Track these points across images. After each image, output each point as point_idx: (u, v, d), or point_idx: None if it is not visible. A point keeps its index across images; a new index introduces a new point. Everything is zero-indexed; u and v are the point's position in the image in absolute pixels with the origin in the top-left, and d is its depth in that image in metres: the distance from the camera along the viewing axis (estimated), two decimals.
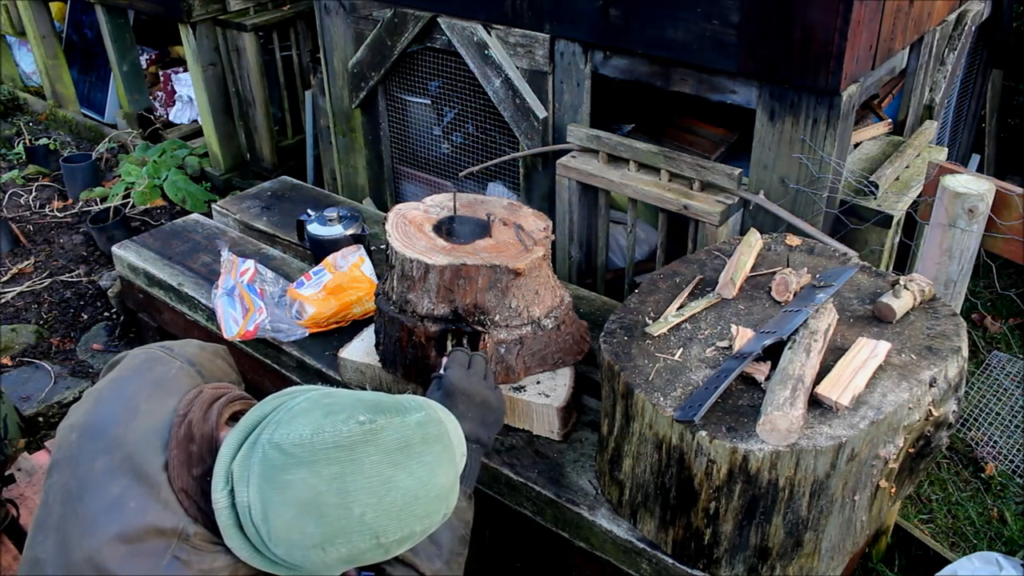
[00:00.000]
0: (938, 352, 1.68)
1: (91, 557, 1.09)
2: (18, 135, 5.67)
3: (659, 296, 1.93)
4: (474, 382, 1.54)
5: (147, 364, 1.33)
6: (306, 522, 1.04)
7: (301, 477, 1.03)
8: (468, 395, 1.51)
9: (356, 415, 1.07)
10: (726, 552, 1.68)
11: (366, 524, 1.05)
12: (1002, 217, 1.99)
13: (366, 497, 1.04)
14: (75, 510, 1.15)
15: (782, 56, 2.37)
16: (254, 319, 2.50)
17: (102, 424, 1.21)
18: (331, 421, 1.07)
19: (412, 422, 1.11)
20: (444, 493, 1.13)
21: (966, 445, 2.96)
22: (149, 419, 1.21)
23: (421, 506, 1.10)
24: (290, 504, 1.04)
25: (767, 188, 2.60)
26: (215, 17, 4.47)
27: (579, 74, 2.89)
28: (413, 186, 3.82)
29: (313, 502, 1.03)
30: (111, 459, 1.16)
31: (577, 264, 3.15)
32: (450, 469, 1.15)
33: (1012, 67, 4.04)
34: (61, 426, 1.28)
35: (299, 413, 1.09)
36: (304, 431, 1.06)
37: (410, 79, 3.47)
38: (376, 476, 1.05)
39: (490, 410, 1.54)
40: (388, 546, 1.09)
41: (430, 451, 1.11)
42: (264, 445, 1.07)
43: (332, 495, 1.03)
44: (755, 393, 1.62)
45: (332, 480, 1.03)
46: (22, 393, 3.29)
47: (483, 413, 1.52)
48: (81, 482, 1.17)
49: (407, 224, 2.10)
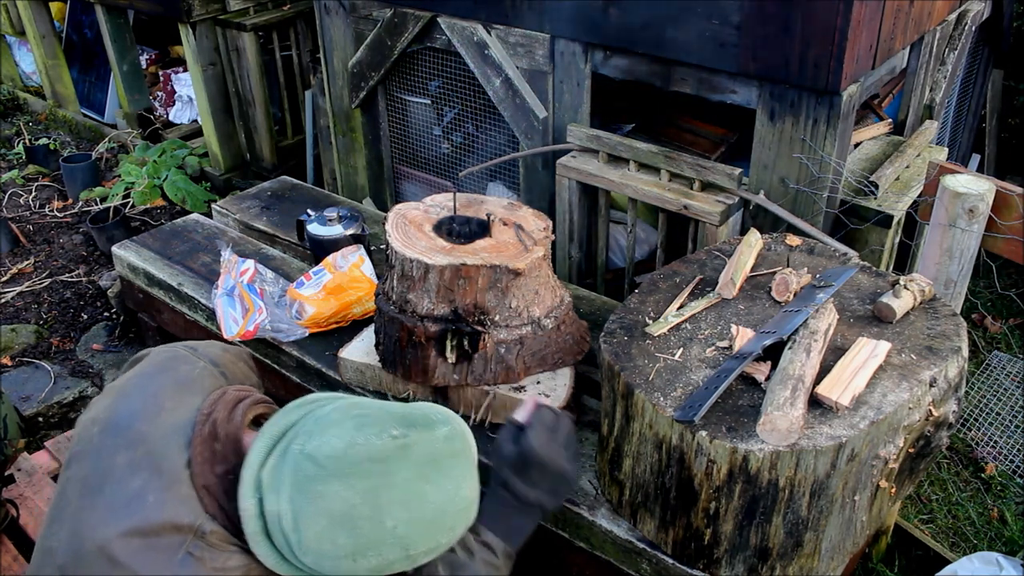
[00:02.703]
0: (938, 352, 1.68)
1: (104, 547, 1.10)
2: (18, 135, 5.67)
3: (659, 296, 1.93)
4: (555, 451, 1.47)
5: (172, 362, 1.34)
6: (338, 533, 1.06)
7: (335, 489, 1.06)
8: (545, 464, 1.45)
9: (389, 429, 1.10)
10: (726, 552, 1.68)
11: (397, 536, 1.08)
12: (1002, 217, 1.99)
13: (398, 510, 1.08)
14: (93, 502, 1.15)
15: (782, 56, 2.37)
16: (254, 319, 2.50)
17: (126, 419, 1.22)
18: (364, 434, 1.09)
19: (440, 436, 1.14)
20: (468, 506, 1.17)
21: (966, 445, 2.96)
22: (173, 416, 1.22)
23: (448, 519, 1.14)
24: (323, 515, 1.06)
25: (767, 188, 2.60)
26: (215, 17, 4.47)
27: (579, 74, 2.89)
28: (413, 186, 3.82)
29: (346, 514, 1.06)
30: (133, 454, 1.17)
31: (577, 264, 3.14)
32: (474, 482, 1.19)
33: (1012, 67, 4.04)
34: (81, 419, 1.29)
35: (330, 424, 1.11)
36: (337, 443, 1.08)
37: (410, 79, 3.47)
38: (408, 490, 1.08)
39: (564, 482, 1.49)
40: (415, 557, 1.12)
41: (457, 465, 1.15)
42: (296, 455, 1.09)
43: (366, 508, 1.06)
44: (755, 393, 1.62)
45: (366, 493, 1.06)
46: (22, 393, 3.28)
47: (555, 484, 1.47)
48: (101, 475, 1.17)
49: (407, 224, 2.10)
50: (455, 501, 1.14)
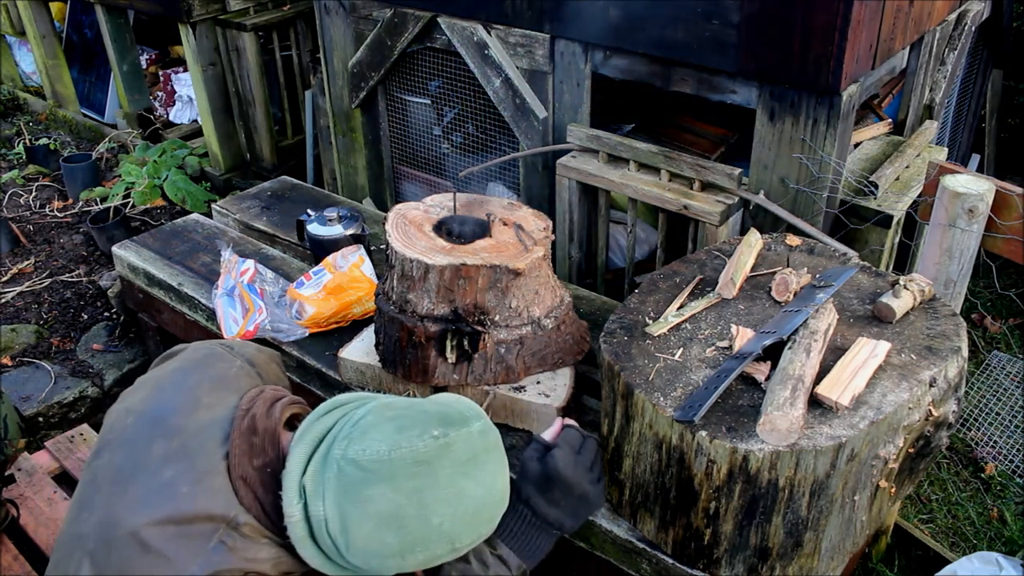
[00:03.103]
0: (938, 352, 1.68)
1: (135, 533, 1.10)
2: (18, 135, 5.67)
3: (659, 296, 1.93)
4: (579, 473, 1.49)
5: (209, 359, 1.35)
6: (386, 533, 1.10)
7: (381, 492, 1.09)
8: (569, 486, 1.47)
9: (430, 430, 1.13)
10: (726, 552, 1.68)
11: (444, 532, 1.12)
12: (1002, 217, 1.99)
13: (443, 508, 1.11)
14: (125, 490, 1.16)
15: (782, 56, 2.37)
16: (254, 319, 2.50)
17: (162, 411, 1.23)
18: (406, 437, 1.12)
19: (476, 432, 1.18)
20: (503, 496, 1.22)
21: (966, 445, 2.96)
22: (210, 412, 1.23)
23: (488, 510, 1.19)
24: (370, 517, 1.09)
25: (767, 188, 2.60)
26: (215, 17, 4.47)
27: (579, 74, 2.89)
28: (413, 186, 3.82)
29: (394, 515, 1.09)
30: (169, 445, 1.18)
31: (577, 264, 3.15)
32: (506, 472, 1.23)
33: (1012, 67, 4.04)
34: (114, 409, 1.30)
35: (369, 428, 1.14)
36: (381, 447, 1.11)
37: (410, 79, 3.47)
38: (451, 487, 1.12)
39: (586, 505, 1.51)
40: (460, 549, 1.17)
41: (492, 458, 1.19)
42: (339, 461, 1.11)
43: (412, 508, 1.09)
44: (755, 393, 1.62)
45: (412, 494, 1.09)
46: (22, 393, 3.29)
47: (577, 506, 1.49)
48: (135, 464, 1.18)
49: (407, 224, 2.10)
50: (493, 493, 1.19)
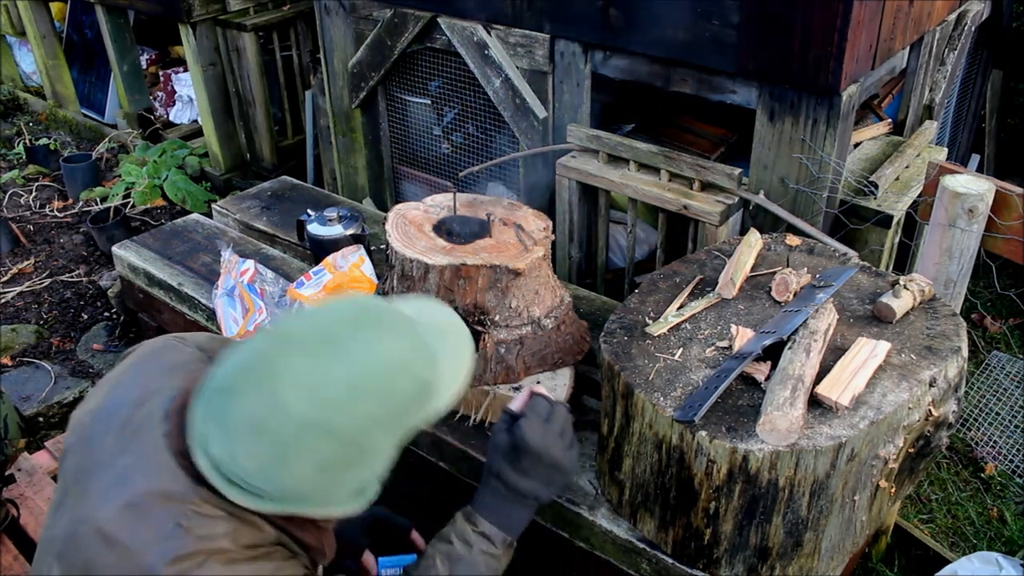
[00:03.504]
0: (938, 352, 1.69)
1: (99, 528, 1.09)
2: (18, 135, 5.68)
3: (659, 296, 1.93)
4: (548, 441, 1.41)
5: (161, 351, 1.35)
6: (260, 446, 1.04)
7: (232, 407, 1.05)
8: (538, 455, 1.40)
9: (265, 330, 1.10)
10: (726, 552, 1.68)
11: (312, 423, 1.03)
12: (1002, 217, 2.00)
13: (298, 397, 1.03)
14: (86, 488, 1.15)
15: (782, 56, 2.37)
16: (254, 319, 2.50)
17: (116, 405, 1.22)
18: (247, 346, 1.09)
19: (331, 315, 1.11)
20: (401, 365, 1.11)
21: (966, 445, 2.96)
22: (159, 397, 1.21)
23: (373, 384, 1.07)
24: (239, 437, 1.04)
25: (767, 188, 2.60)
26: (215, 17, 4.47)
27: (579, 74, 2.89)
28: (413, 186, 3.82)
29: (253, 425, 1.04)
30: (122, 435, 1.17)
31: (577, 264, 3.15)
32: (400, 340, 1.12)
33: (1012, 67, 4.04)
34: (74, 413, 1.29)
35: (229, 354, 1.11)
36: (226, 367, 1.08)
37: (410, 79, 3.47)
38: (302, 374, 1.04)
39: (559, 473, 1.44)
40: (352, 439, 1.07)
41: (364, 333, 1.09)
42: (205, 392, 1.09)
43: (264, 409, 1.03)
44: (755, 393, 1.62)
45: (260, 398, 1.04)
46: (22, 393, 3.29)
47: (550, 475, 1.43)
48: (94, 460, 1.18)
49: (407, 224, 2.10)
50: (374, 364, 1.08)
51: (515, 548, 1.43)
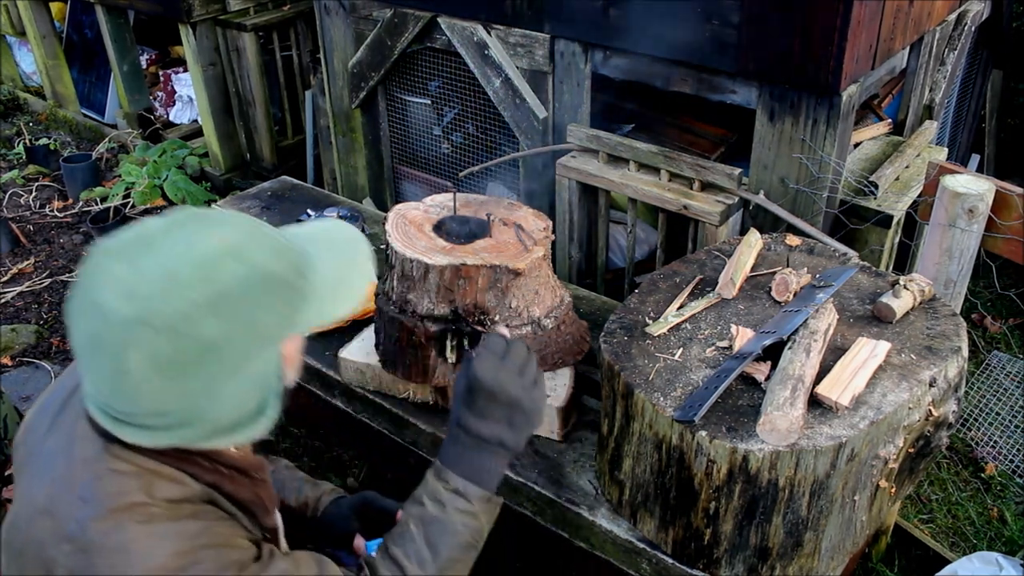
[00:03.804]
0: (938, 352, 1.69)
1: (36, 507, 1.07)
2: (18, 135, 5.68)
3: (659, 296, 1.93)
4: (503, 377, 1.28)
5: None
6: (100, 360, 1.01)
7: (76, 334, 1.01)
8: (492, 392, 1.27)
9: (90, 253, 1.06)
10: (726, 552, 1.68)
11: (129, 319, 0.97)
12: (1002, 217, 2.00)
13: (114, 298, 0.98)
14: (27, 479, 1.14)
15: (782, 56, 2.37)
16: None
17: (54, 396, 1.21)
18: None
19: (149, 223, 1.05)
20: (224, 249, 1.03)
21: (966, 445, 2.96)
22: None
23: (185, 268, 1.00)
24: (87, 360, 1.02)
25: (767, 188, 2.60)
26: (215, 17, 4.47)
27: (579, 74, 2.89)
28: (413, 186, 3.82)
29: (90, 343, 1.00)
30: (54, 421, 1.16)
31: (577, 264, 3.15)
32: (226, 229, 1.06)
33: (1012, 67, 4.04)
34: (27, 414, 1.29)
35: None
36: None
37: (410, 79, 3.47)
38: (118, 277, 0.99)
39: (521, 414, 1.30)
40: (181, 330, 0.99)
41: (183, 230, 1.03)
42: None
43: (92, 323, 0.99)
44: (755, 393, 1.62)
45: (87, 313, 1.00)
46: (22, 393, 3.29)
47: (511, 416, 1.29)
48: (30, 449, 1.17)
49: (407, 224, 2.10)
50: (192, 252, 1.01)
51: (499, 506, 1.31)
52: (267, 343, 1.07)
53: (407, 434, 2.24)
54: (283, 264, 1.08)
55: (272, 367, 1.09)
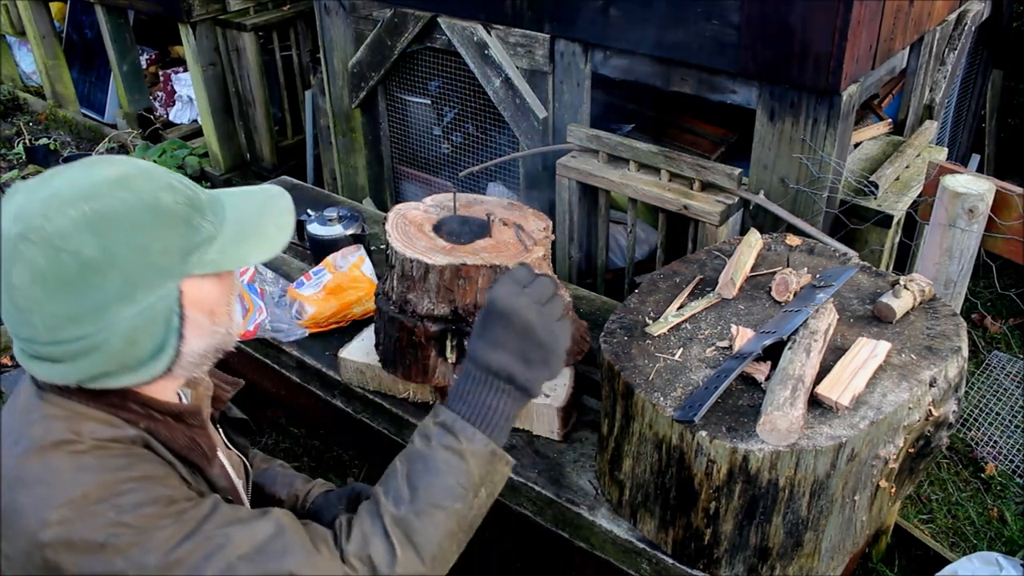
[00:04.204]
0: (938, 352, 1.69)
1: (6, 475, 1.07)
2: (18, 135, 5.68)
3: (659, 296, 1.93)
4: (521, 302, 1.14)
5: None
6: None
7: None
8: (507, 316, 1.14)
9: None
10: (726, 552, 1.68)
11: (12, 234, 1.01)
12: (1002, 217, 2.00)
13: (7, 218, 1.03)
14: None
15: (782, 56, 2.37)
16: (254, 319, 2.50)
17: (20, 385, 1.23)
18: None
19: (55, 168, 1.09)
20: (113, 179, 1.05)
21: (966, 445, 2.96)
22: None
23: (71, 191, 1.03)
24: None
25: (767, 188, 2.60)
26: (215, 17, 4.47)
27: (579, 74, 2.89)
28: (413, 186, 3.82)
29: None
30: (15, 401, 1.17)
31: (577, 264, 3.15)
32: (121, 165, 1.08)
33: (1012, 67, 4.04)
34: None
35: None
36: None
37: (410, 79, 3.47)
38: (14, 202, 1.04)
39: (534, 344, 1.15)
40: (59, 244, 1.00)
41: (80, 167, 1.07)
42: None
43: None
44: (755, 393, 1.62)
45: None
46: None
47: (524, 347, 1.14)
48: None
49: (407, 224, 2.10)
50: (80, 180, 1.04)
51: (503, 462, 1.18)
52: (162, 276, 1.08)
53: (407, 434, 2.24)
54: (176, 197, 1.10)
55: (170, 303, 1.09)
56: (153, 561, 0.99)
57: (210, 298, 1.14)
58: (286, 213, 1.21)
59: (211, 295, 1.14)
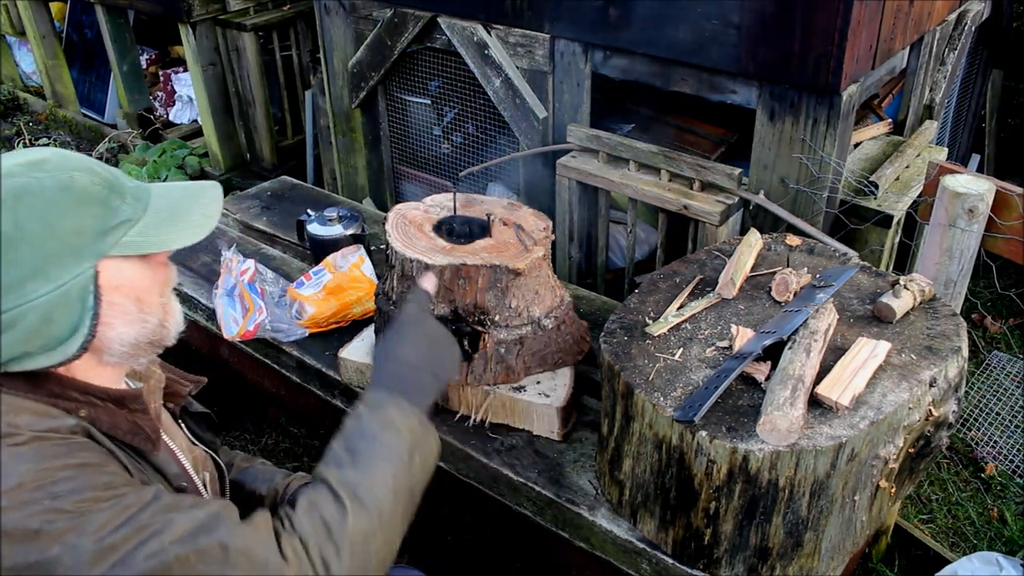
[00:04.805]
0: (938, 352, 1.69)
1: None
2: (18, 135, 5.68)
3: (659, 296, 1.93)
4: (426, 316, 1.40)
5: None
6: None
7: None
8: (420, 325, 1.37)
9: None
10: (726, 552, 1.68)
11: None
12: (1002, 217, 2.00)
13: None
14: None
15: (782, 56, 2.37)
16: (254, 319, 2.50)
17: None
18: None
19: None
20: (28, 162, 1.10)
21: (966, 445, 2.96)
22: None
23: None
24: None
25: (767, 188, 2.60)
26: (215, 17, 4.47)
27: (579, 74, 2.89)
28: (413, 186, 3.82)
29: None
30: None
31: (577, 264, 3.15)
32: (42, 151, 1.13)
33: (1012, 67, 4.04)
34: None
35: None
36: None
37: (410, 79, 3.47)
38: None
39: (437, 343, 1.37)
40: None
41: (9, 154, 1.11)
42: None
43: None
44: (755, 393, 1.62)
45: None
46: None
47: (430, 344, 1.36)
48: None
49: (407, 224, 2.10)
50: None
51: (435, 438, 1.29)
52: (76, 254, 1.10)
53: None
54: (93, 179, 1.12)
55: (84, 282, 1.10)
56: (88, 545, 0.99)
57: (134, 283, 1.16)
58: (214, 202, 1.24)
59: (134, 280, 1.16)
